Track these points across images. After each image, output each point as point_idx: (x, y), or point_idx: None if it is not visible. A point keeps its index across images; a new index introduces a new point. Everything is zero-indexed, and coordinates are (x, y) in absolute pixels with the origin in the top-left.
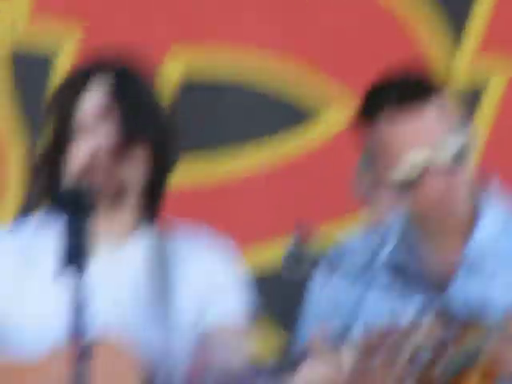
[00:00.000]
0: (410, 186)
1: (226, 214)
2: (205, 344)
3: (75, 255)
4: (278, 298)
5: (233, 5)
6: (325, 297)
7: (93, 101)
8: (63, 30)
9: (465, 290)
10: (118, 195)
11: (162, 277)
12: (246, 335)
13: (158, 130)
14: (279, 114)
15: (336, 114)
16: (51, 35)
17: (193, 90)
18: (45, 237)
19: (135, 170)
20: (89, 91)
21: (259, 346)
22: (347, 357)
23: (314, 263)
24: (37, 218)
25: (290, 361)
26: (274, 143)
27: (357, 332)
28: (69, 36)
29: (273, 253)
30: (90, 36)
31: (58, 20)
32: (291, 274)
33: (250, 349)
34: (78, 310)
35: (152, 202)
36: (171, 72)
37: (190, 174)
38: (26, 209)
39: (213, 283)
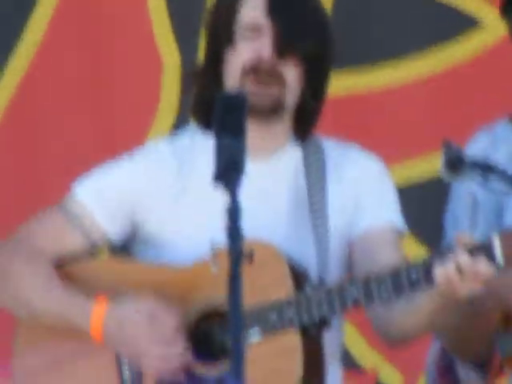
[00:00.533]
0: None
1: (379, 127)
2: (358, 247)
3: (230, 167)
4: (424, 213)
5: None
6: (467, 199)
7: (250, 10)
8: None
9: None
10: (272, 111)
11: (314, 186)
12: (398, 241)
13: (313, 45)
14: (435, 24)
15: (495, 22)
16: None
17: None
18: (200, 148)
19: (290, 86)
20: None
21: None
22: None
23: (473, 166)
24: (192, 129)
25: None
26: (429, 53)
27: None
28: None
29: (424, 168)
30: None
31: None
32: (451, 179)
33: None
34: (234, 219)
35: (305, 119)
36: None
37: (345, 85)
38: (181, 120)
39: (365, 190)
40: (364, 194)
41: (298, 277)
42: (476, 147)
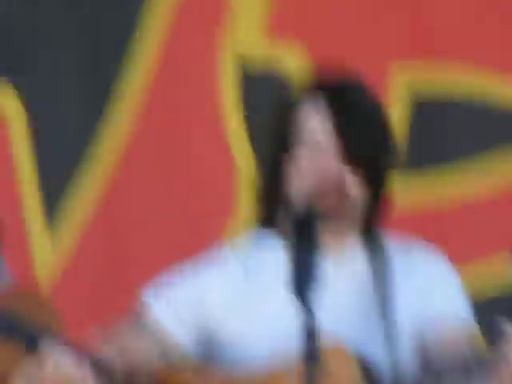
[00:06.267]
0: None
1: (444, 237)
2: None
3: (307, 284)
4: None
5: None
6: None
7: (310, 123)
8: (285, 47)
9: None
10: (341, 217)
11: (381, 288)
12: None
13: (378, 151)
14: (505, 132)
15: None
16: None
17: (418, 107)
18: (265, 248)
19: (354, 200)
20: (308, 110)
21: None
22: None
23: None
24: (259, 238)
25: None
26: (500, 163)
27: None
28: (290, 53)
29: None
30: (311, 52)
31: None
32: None
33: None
34: (310, 332)
35: (370, 218)
36: (396, 90)
37: (414, 192)
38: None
39: (432, 294)
40: (432, 293)
41: (371, 378)
42: None
